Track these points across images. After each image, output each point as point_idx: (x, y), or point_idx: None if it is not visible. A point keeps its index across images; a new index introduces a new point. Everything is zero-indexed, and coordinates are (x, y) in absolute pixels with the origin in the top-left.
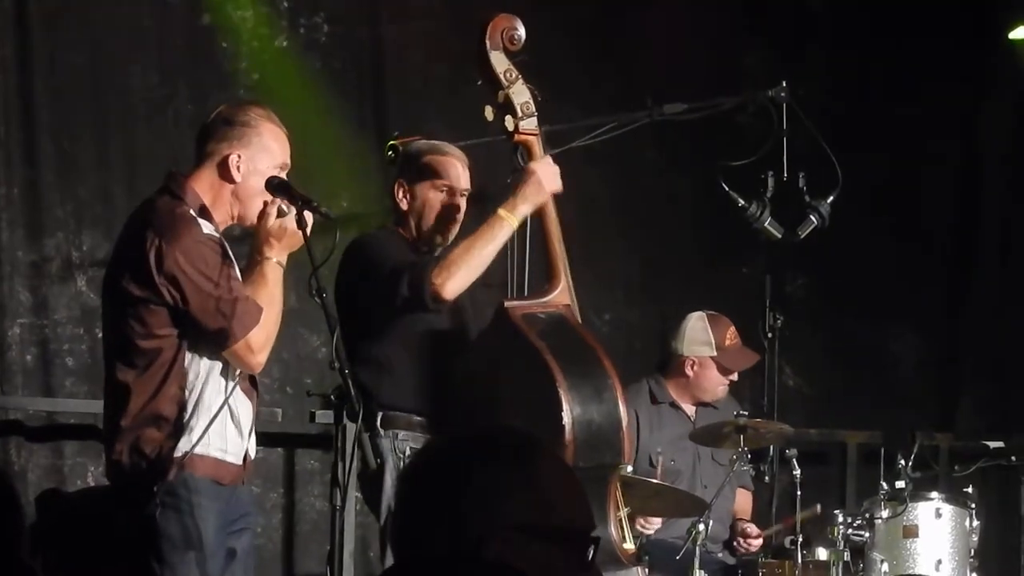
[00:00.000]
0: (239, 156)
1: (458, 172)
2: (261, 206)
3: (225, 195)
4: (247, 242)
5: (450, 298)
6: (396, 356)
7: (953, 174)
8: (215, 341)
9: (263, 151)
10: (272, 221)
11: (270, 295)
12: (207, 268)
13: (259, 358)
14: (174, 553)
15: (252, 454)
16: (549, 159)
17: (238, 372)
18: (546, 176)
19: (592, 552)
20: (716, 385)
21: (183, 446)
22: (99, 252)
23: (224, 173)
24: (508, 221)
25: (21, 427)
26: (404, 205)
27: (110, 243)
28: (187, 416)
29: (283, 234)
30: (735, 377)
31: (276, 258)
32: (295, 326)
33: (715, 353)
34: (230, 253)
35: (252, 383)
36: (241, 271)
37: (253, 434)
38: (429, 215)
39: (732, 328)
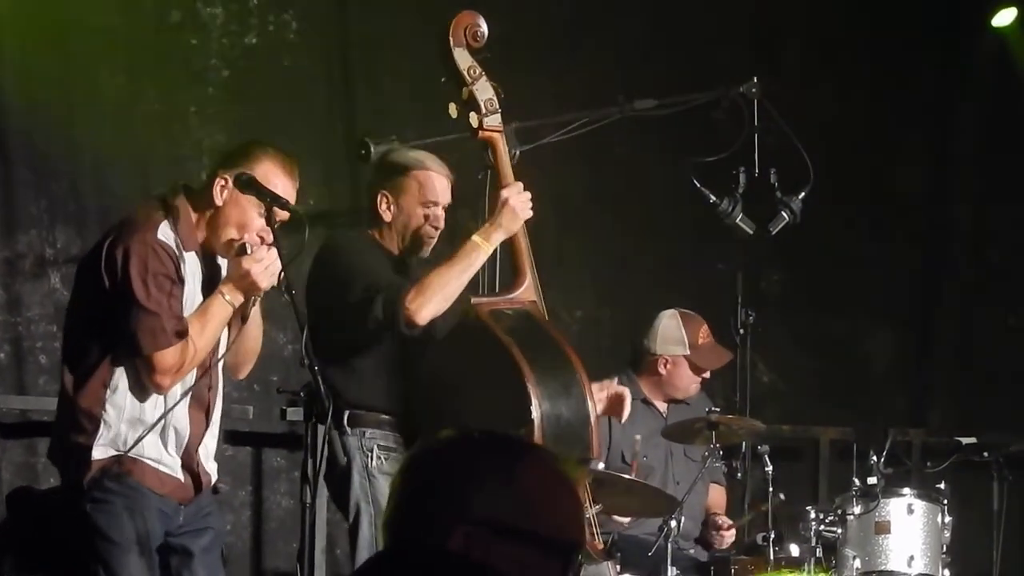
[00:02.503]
0: (225, 181)
1: (443, 188)
2: (229, 237)
3: (207, 217)
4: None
5: (423, 323)
6: (363, 355)
7: (926, 171)
8: (128, 346)
9: None
10: (231, 256)
11: (201, 327)
12: (144, 272)
13: (161, 380)
14: (105, 547)
15: (211, 478)
16: (520, 186)
17: (187, 395)
18: (519, 204)
19: (576, 566)
20: (689, 384)
21: (105, 452)
22: (72, 249)
23: (210, 196)
24: (483, 248)
25: None
26: (387, 216)
27: (82, 240)
28: (104, 416)
29: (237, 273)
30: (707, 375)
31: (228, 296)
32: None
33: (688, 352)
34: (184, 266)
35: (207, 412)
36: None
37: (208, 460)
38: (413, 229)
39: (705, 326)
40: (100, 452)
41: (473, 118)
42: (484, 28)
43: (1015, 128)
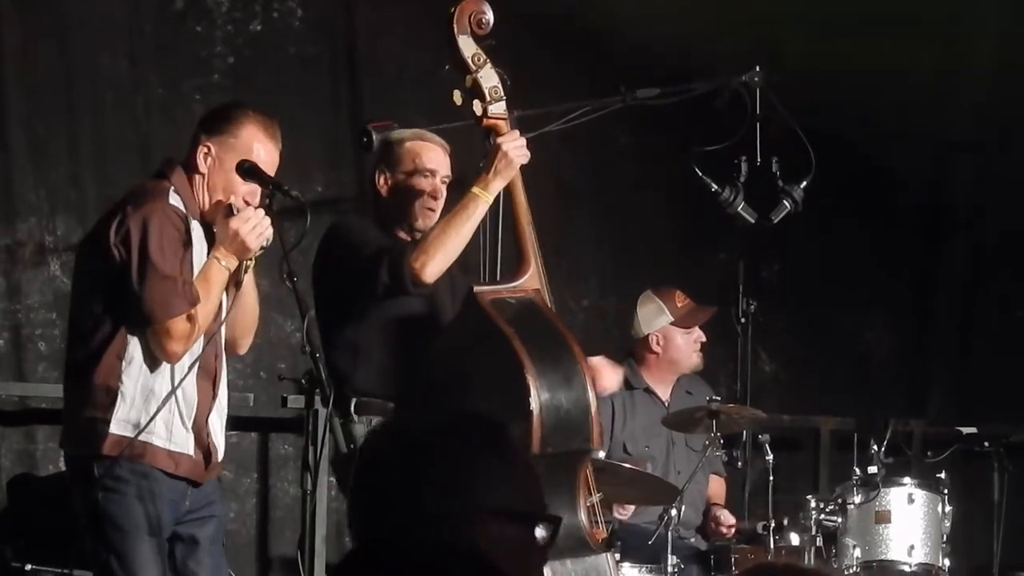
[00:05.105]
0: (208, 148)
1: (439, 158)
2: (216, 199)
3: (195, 184)
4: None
5: (431, 281)
6: (371, 342)
7: (925, 161)
8: (140, 314)
9: (232, 150)
10: (219, 218)
11: (205, 291)
12: (161, 239)
13: (174, 347)
14: (117, 536)
15: (219, 454)
16: (516, 132)
17: (195, 365)
18: (514, 149)
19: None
20: (688, 351)
21: (122, 428)
22: (72, 237)
23: (194, 162)
24: (483, 198)
25: None
26: (385, 192)
27: (83, 228)
28: (121, 389)
29: (225, 235)
30: (703, 338)
31: (223, 260)
32: (268, 311)
33: (672, 318)
34: (192, 233)
35: (214, 382)
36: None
37: (218, 435)
38: (411, 201)
39: (679, 292)
40: (118, 427)
41: (477, 106)
42: (489, 15)
43: (1016, 117)
